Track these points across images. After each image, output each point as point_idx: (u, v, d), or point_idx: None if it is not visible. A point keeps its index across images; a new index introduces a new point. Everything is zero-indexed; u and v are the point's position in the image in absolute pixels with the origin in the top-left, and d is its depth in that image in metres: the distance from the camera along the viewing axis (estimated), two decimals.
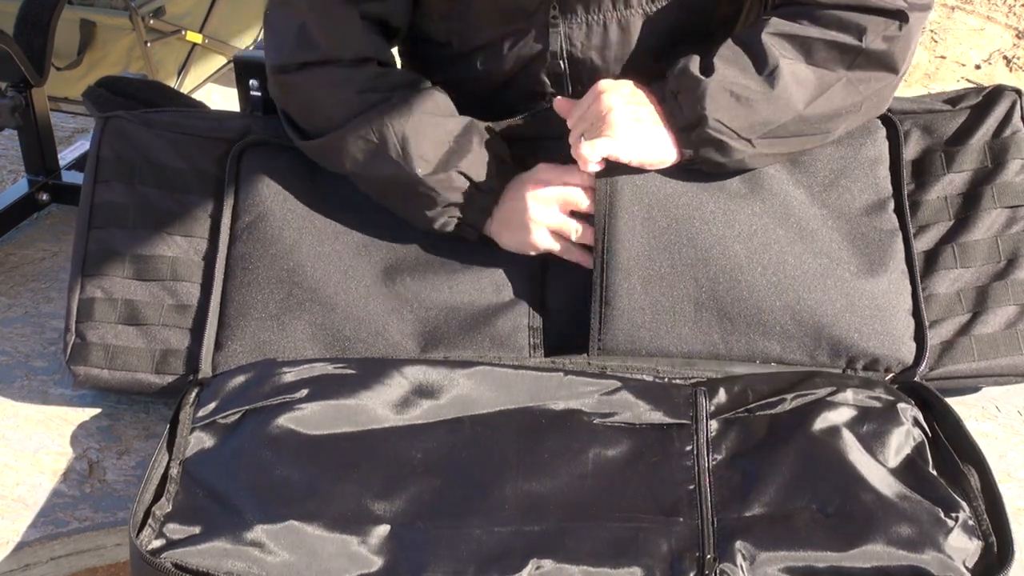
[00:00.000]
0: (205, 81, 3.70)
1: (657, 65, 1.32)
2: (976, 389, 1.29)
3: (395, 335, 1.24)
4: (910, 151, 1.29)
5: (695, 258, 1.20)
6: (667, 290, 1.20)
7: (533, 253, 1.26)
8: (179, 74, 3.57)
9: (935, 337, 1.23)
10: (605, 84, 1.22)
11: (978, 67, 4.34)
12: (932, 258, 1.26)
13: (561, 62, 1.30)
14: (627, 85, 1.22)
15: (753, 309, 1.20)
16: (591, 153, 1.18)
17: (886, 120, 1.29)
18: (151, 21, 3.36)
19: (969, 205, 1.27)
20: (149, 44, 3.37)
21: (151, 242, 1.30)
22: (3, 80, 1.61)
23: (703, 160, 1.20)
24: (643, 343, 1.20)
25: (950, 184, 1.28)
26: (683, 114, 1.18)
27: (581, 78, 1.32)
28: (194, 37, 3.54)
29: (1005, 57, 4.39)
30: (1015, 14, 4.61)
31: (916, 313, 1.23)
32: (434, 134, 1.24)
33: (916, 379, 1.21)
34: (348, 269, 1.26)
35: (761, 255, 1.21)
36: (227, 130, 1.34)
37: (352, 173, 1.28)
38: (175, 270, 1.29)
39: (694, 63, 1.19)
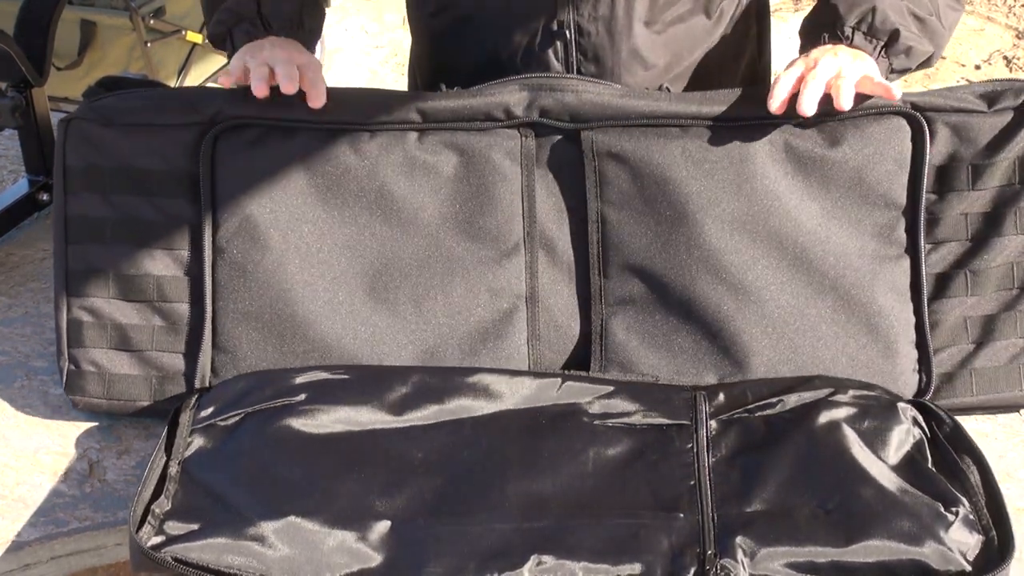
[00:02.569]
0: (205, 81, 3.70)
1: (660, 39, 1.32)
2: None
3: (393, 351, 1.22)
4: (936, 154, 1.21)
5: (691, 299, 1.20)
6: (664, 331, 1.21)
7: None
8: (179, 74, 3.57)
9: (936, 367, 1.21)
10: (797, 61, 1.21)
11: (978, 67, 4.34)
12: (943, 282, 1.22)
13: (568, 31, 1.31)
14: (810, 55, 1.21)
15: (749, 356, 1.19)
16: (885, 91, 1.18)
17: (912, 121, 1.21)
18: (151, 21, 3.36)
19: (989, 227, 1.22)
20: (149, 44, 3.37)
21: (132, 259, 1.25)
22: (3, 80, 1.61)
23: (898, 72, 1.23)
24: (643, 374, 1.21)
25: (973, 203, 1.22)
26: (878, 37, 1.21)
27: (586, 48, 1.32)
28: (194, 37, 3.54)
29: (1005, 57, 4.39)
30: (1015, 14, 4.61)
31: (921, 344, 1.21)
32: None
33: None
34: (341, 283, 1.23)
35: (758, 299, 1.19)
36: (199, 111, 1.24)
37: None
38: (161, 289, 1.25)
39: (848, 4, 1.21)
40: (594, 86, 1.23)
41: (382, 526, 1.01)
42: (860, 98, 1.19)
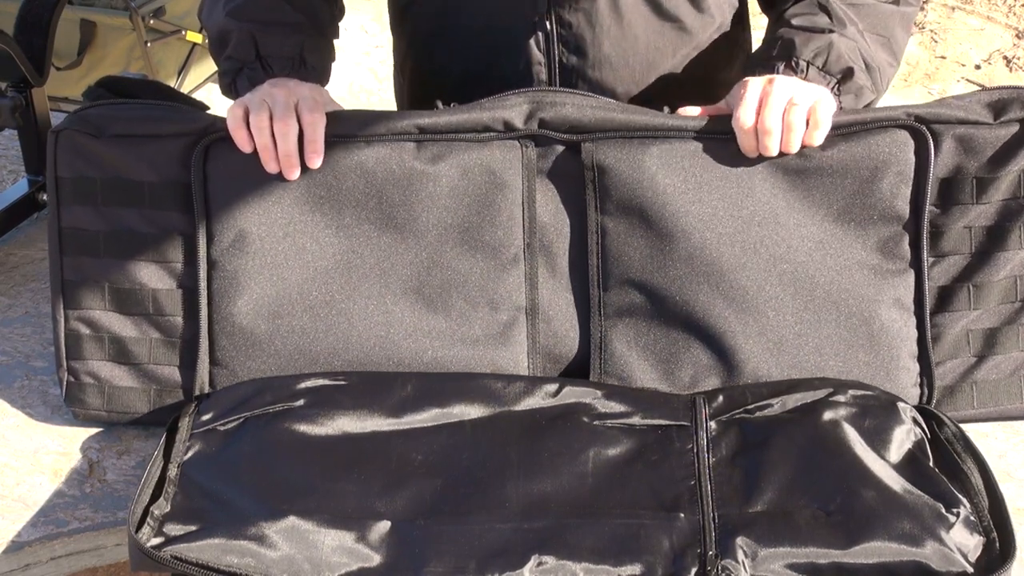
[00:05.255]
0: (205, 81, 3.70)
1: (646, 46, 1.32)
2: None
3: (391, 362, 1.21)
4: (941, 166, 1.19)
5: (690, 313, 1.19)
6: (664, 344, 1.20)
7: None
8: (179, 74, 3.57)
9: (938, 380, 1.21)
10: (755, 78, 1.21)
11: (978, 67, 4.34)
12: (946, 296, 1.22)
13: (548, 22, 1.31)
14: (767, 76, 1.21)
15: (749, 369, 1.19)
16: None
17: (916, 134, 1.19)
18: (151, 21, 3.36)
19: (992, 240, 1.21)
20: (149, 44, 3.37)
21: (126, 271, 1.24)
22: (3, 80, 1.61)
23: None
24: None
25: (977, 216, 1.21)
26: (832, 74, 1.21)
27: (568, 40, 1.32)
28: (194, 37, 3.54)
29: (1005, 57, 4.39)
30: (1015, 14, 4.61)
31: (923, 357, 1.20)
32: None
33: None
34: (338, 294, 1.22)
35: (759, 313, 1.19)
36: (191, 122, 1.23)
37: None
38: (157, 302, 1.24)
39: (801, 35, 1.22)
40: (595, 100, 1.22)
41: (382, 526, 1.01)
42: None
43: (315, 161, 1.21)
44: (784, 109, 1.17)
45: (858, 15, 1.23)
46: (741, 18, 1.42)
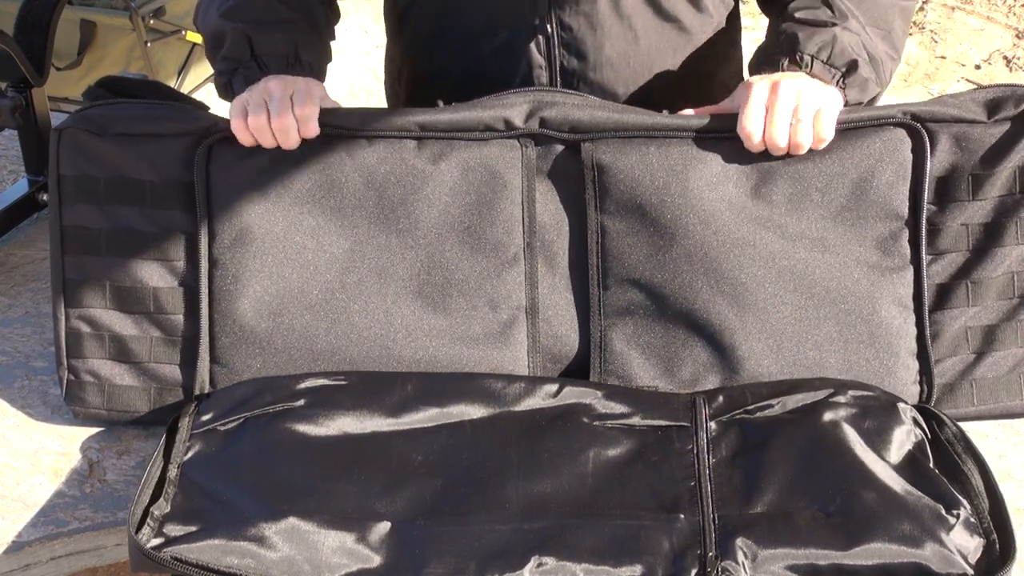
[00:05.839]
0: (205, 81, 3.70)
1: (647, 47, 1.32)
2: None
3: (391, 362, 1.21)
4: (937, 165, 1.20)
5: (690, 311, 1.19)
6: (664, 343, 1.20)
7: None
8: (179, 74, 3.57)
9: (938, 377, 1.21)
10: (759, 81, 1.20)
11: (978, 67, 4.34)
12: (944, 293, 1.22)
13: (549, 26, 1.31)
14: (771, 78, 1.21)
15: (749, 368, 1.19)
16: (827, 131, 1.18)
17: (913, 132, 1.20)
18: (151, 21, 3.37)
19: (990, 237, 1.21)
20: (149, 44, 3.37)
21: (128, 270, 1.24)
22: (3, 80, 1.61)
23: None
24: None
25: (973, 213, 1.21)
26: (837, 67, 1.20)
27: (568, 43, 1.32)
28: (194, 37, 3.54)
29: (1005, 57, 4.39)
30: (1015, 14, 4.61)
31: (922, 355, 1.21)
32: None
33: None
34: (338, 293, 1.22)
35: (759, 311, 1.19)
36: (193, 121, 1.24)
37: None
38: (158, 301, 1.24)
39: (807, 31, 1.21)
40: (595, 100, 1.23)
41: (382, 527, 1.01)
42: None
43: (308, 132, 1.22)
44: (791, 124, 1.17)
45: (858, 8, 1.23)
46: (735, 15, 1.43)
